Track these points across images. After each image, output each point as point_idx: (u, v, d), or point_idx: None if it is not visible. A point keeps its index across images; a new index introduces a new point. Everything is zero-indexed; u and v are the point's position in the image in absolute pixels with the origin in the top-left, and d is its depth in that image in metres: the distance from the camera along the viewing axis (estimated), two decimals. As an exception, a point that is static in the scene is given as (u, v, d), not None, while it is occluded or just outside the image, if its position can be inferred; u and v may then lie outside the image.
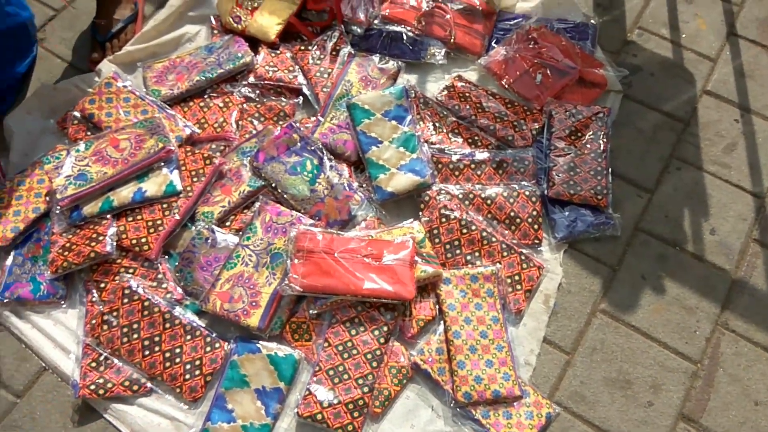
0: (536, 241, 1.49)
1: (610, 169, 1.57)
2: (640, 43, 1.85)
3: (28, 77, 1.75)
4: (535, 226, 1.49)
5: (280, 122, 1.63)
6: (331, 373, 1.33)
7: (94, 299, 1.39)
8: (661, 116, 1.72)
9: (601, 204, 1.52)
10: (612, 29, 1.86)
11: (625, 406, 1.37)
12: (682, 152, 1.67)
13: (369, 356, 1.34)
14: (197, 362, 1.33)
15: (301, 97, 1.68)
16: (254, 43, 1.73)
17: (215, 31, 1.79)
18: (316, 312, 1.38)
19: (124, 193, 1.45)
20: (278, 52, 1.72)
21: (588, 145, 1.58)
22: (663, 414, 1.36)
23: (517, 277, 1.44)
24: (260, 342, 1.36)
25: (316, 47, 1.72)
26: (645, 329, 1.45)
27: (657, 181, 1.63)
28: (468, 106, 1.65)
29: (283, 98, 1.67)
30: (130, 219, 1.44)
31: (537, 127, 1.63)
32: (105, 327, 1.35)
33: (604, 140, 1.59)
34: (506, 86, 1.70)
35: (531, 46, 1.73)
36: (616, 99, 1.73)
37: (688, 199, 1.60)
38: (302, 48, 1.73)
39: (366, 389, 1.31)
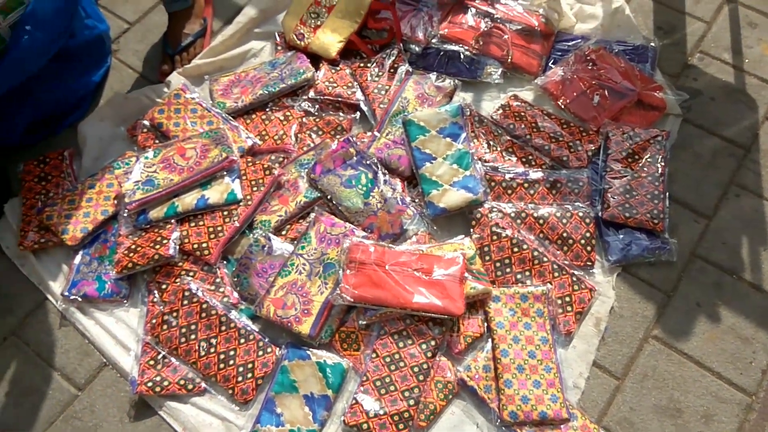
0: (588, 263, 1.48)
1: (667, 193, 1.55)
2: (701, 67, 1.82)
3: (102, 86, 1.85)
4: (588, 248, 1.48)
5: (338, 136, 1.67)
6: (378, 383, 1.35)
7: (155, 300, 1.45)
8: (721, 141, 1.69)
9: (657, 228, 1.50)
10: (672, 52, 1.85)
11: (676, 435, 1.35)
12: (741, 179, 1.64)
13: (416, 369, 1.35)
14: (250, 365, 1.38)
15: (358, 113, 1.73)
16: (316, 59, 1.79)
17: (279, 48, 1.85)
18: (365, 323, 1.41)
19: (188, 200, 1.51)
20: (338, 68, 1.77)
21: (645, 168, 1.56)
22: (715, 445, 1.33)
23: (567, 299, 1.43)
24: (310, 349, 1.39)
25: (374, 64, 1.77)
26: (698, 358, 1.42)
27: (715, 207, 1.60)
28: (523, 126, 1.66)
29: (341, 113, 1.72)
30: (192, 224, 1.50)
31: (593, 148, 1.62)
32: (164, 327, 1.41)
33: (662, 164, 1.57)
34: (562, 107, 1.70)
35: (589, 67, 1.73)
36: (675, 123, 1.71)
37: (747, 226, 1.57)
38: (361, 65, 1.77)
39: (412, 402, 1.32)
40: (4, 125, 1.63)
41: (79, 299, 1.48)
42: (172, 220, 1.51)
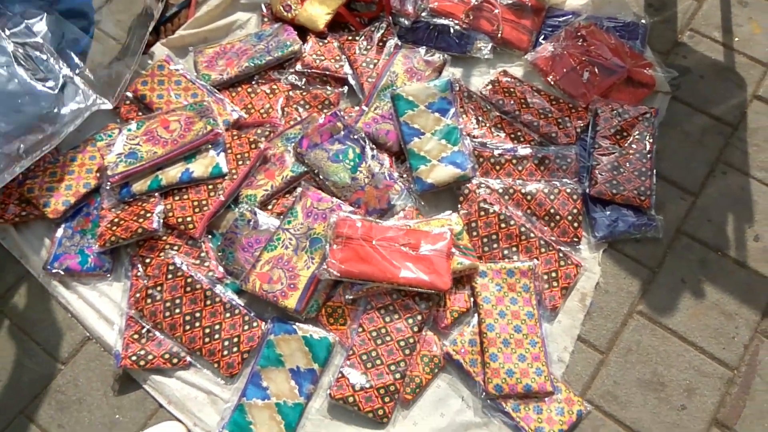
0: (575, 239, 1.49)
1: (654, 171, 1.55)
2: (691, 45, 1.82)
3: (84, 57, 1.81)
4: (575, 224, 1.48)
5: (325, 110, 1.65)
6: (364, 357, 1.35)
7: (139, 273, 1.44)
8: (709, 120, 1.69)
9: (644, 205, 1.50)
10: (662, 30, 1.84)
11: (658, 408, 1.36)
12: (728, 157, 1.64)
13: (402, 343, 1.35)
14: (235, 339, 1.37)
15: (346, 87, 1.70)
16: (303, 31, 1.76)
17: (265, 19, 1.82)
18: (351, 297, 1.40)
19: (172, 173, 1.49)
20: (326, 41, 1.74)
21: (633, 145, 1.56)
22: (696, 418, 1.35)
23: (554, 274, 1.43)
24: (296, 324, 1.39)
25: (363, 38, 1.74)
26: (682, 333, 1.43)
27: (702, 184, 1.60)
28: (512, 102, 1.65)
29: (328, 87, 1.70)
30: (176, 198, 1.48)
31: (581, 124, 1.62)
32: (149, 301, 1.39)
33: (650, 141, 1.57)
34: (552, 83, 1.69)
35: (579, 43, 1.72)
36: (664, 100, 1.70)
37: (733, 204, 1.58)
38: (350, 38, 1.75)
39: (398, 375, 1.33)
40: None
41: (62, 273, 1.47)
42: (156, 194, 1.49)
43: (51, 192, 1.51)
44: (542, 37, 1.79)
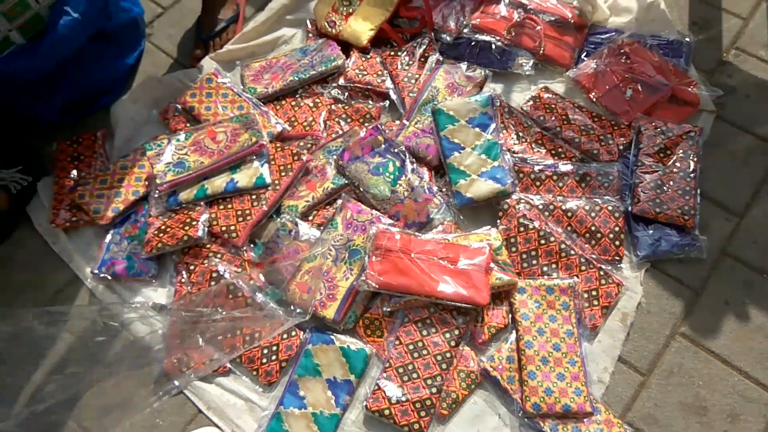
0: (617, 258, 1.47)
1: (698, 190, 1.53)
2: (737, 64, 1.79)
3: (136, 69, 1.87)
4: (617, 243, 1.47)
5: (366, 124, 1.68)
6: (400, 370, 1.35)
7: (183, 280, 1.47)
8: (755, 140, 1.66)
9: (688, 225, 1.48)
10: (707, 48, 1.82)
11: (700, 433, 1.33)
12: (775, 178, 1.61)
13: (439, 358, 1.35)
14: (274, 348, 1.39)
15: (387, 101, 1.72)
16: (346, 47, 1.79)
17: (310, 35, 1.86)
18: (389, 310, 1.41)
19: (218, 183, 1.53)
20: (369, 56, 1.77)
21: (677, 164, 1.54)
22: (740, 445, 1.32)
23: (594, 293, 1.42)
24: (334, 334, 1.40)
25: (405, 53, 1.76)
26: (726, 356, 1.40)
27: (747, 205, 1.57)
28: (553, 118, 1.64)
29: (370, 101, 1.72)
30: (221, 207, 1.52)
31: (624, 142, 1.60)
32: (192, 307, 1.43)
33: (694, 160, 1.55)
34: (594, 100, 1.69)
35: (622, 60, 1.71)
36: (709, 119, 1.68)
37: (780, 226, 1.55)
38: (392, 53, 1.77)
39: (434, 390, 1.33)
40: (40, 104, 1.66)
41: (109, 277, 1.51)
42: (202, 203, 1.52)
43: (101, 199, 1.56)
44: (584, 54, 1.78)
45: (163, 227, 1.50)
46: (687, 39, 1.78)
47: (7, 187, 1.60)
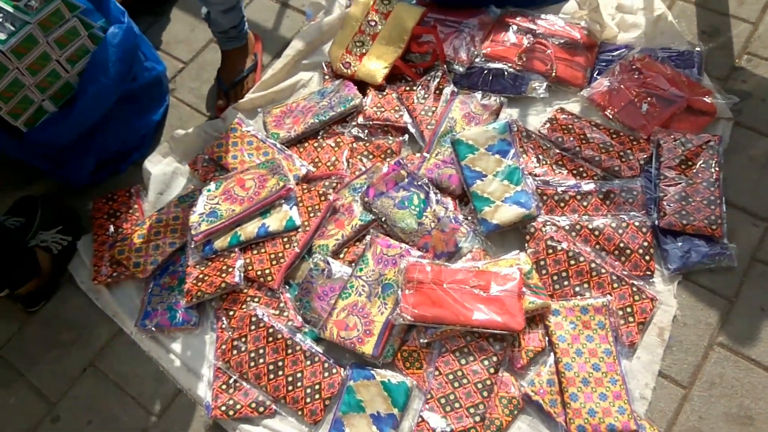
0: (648, 273, 1.48)
1: (723, 198, 1.54)
2: (750, 69, 1.80)
3: (162, 124, 1.94)
4: (647, 257, 1.48)
5: (388, 159, 1.72)
6: (442, 401, 1.37)
7: (224, 326, 1.51)
8: (776, 143, 1.67)
9: (716, 234, 1.49)
10: (719, 56, 1.83)
11: (749, 443, 1.32)
12: (800, 180, 1.61)
13: (479, 385, 1.37)
14: (317, 386, 1.42)
15: (407, 135, 1.76)
16: (362, 85, 1.84)
17: (327, 77, 1.91)
18: (426, 341, 1.43)
19: (250, 229, 1.57)
20: (385, 93, 1.82)
21: (699, 174, 1.55)
22: (790, 453, 1.31)
23: (629, 309, 1.43)
24: (374, 369, 1.42)
25: (420, 87, 1.81)
26: (766, 363, 1.39)
27: (774, 209, 1.58)
28: (571, 138, 1.67)
29: (390, 136, 1.76)
30: (255, 252, 1.56)
31: (644, 156, 1.62)
32: (234, 352, 1.46)
33: (716, 168, 1.56)
34: (611, 117, 1.71)
35: (635, 76, 1.73)
36: (727, 126, 1.69)
37: (810, 227, 1.54)
38: (407, 88, 1.82)
39: (477, 418, 1.34)
40: (74, 166, 1.73)
41: (153, 329, 1.55)
42: (236, 249, 1.57)
43: (139, 253, 1.61)
44: (597, 72, 1.81)
45: (201, 276, 1.54)
46: (698, 48, 1.80)
47: (49, 248, 1.67)
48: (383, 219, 1.59)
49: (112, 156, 1.81)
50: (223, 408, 1.42)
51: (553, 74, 1.78)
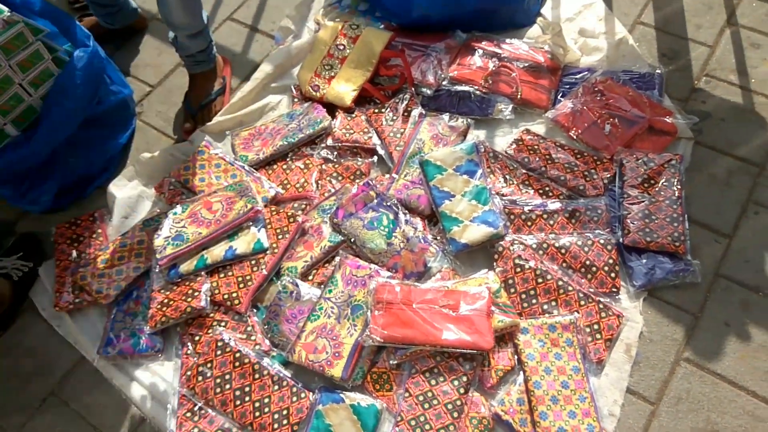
0: (614, 290, 1.49)
1: (686, 215, 1.57)
2: (709, 90, 1.86)
3: (128, 148, 1.92)
4: (612, 275, 1.50)
5: (357, 181, 1.72)
6: (413, 423, 1.35)
7: (189, 351, 1.48)
8: (735, 161, 1.71)
9: (679, 251, 1.51)
10: (679, 78, 1.89)
11: (717, 458, 1.33)
12: (758, 196, 1.65)
13: (450, 406, 1.36)
14: (284, 412, 1.39)
15: (376, 157, 1.77)
16: (331, 108, 1.85)
17: (296, 99, 1.92)
18: (396, 362, 1.42)
19: (217, 252, 1.55)
20: (354, 115, 1.83)
21: (662, 192, 1.58)
22: (758, 467, 1.32)
23: (596, 326, 1.44)
24: (343, 392, 1.40)
25: (388, 109, 1.82)
26: (732, 377, 1.41)
27: (735, 226, 1.61)
28: (537, 158, 1.69)
29: (359, 158, 1.77)
30: (222, 275, 1.54)
31: (608, 176, 1.65)
32: (200, 378, 1.43)
33: (678, 186, 1.59)
34: (575, 137, 1.74)
35: (598, 98, 1.77)
36: (688, 146, 1.73)
37: (769, 243, 1.58)
38: (376, 111, 1.83)
39: (448, 439, 1.33)
40: (36, 191, 1.70)
41: (116, 356, 1.51)
42: (202, 272, 1.55)
43: (102, 278, 1.58)
44: (560, 94, 1.85)
45: (165, 301, 1.51)
46: (658, 71, 1.85)
47: (9, 275, 1.62)
48: (352, 240, 1.59)
49: (77, 180, 1.79)
50: (188, 435, 1.38)
51: (519, 96, 1.81)
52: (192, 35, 1.80)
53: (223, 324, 1.50)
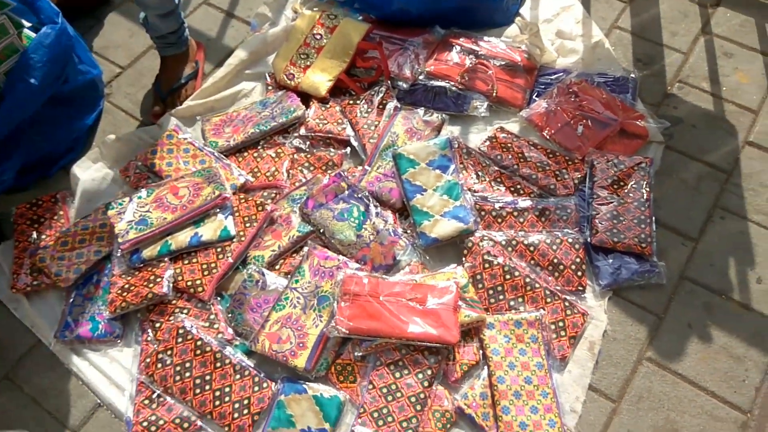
0: (580, 288, 1.50)
1: (653, 218, 1.58)
2: (681, 96, 1.88)
3: (95, 129, 1.87)
4: (579, 273, 1.50)
5: (329, 171, 1.70)
6: (375, 415, 1.34)
7: (149, 338, 1.45)
8: (704, 167, 1.73)
9: (646, 252, 1.52)
10: (652, 83, 1.91)
11: (675, 457, 1.34)
12: (725, 202, 1.67)
13: (413, 399, 1.35)
14: (245, 401, 1.37)
15: (349, 148, 1.76)
16: (306, 97, 1.83)
17: (269, 87, 1.89)
18: (361, 354, 1.41)
19: (182, 238, 1.52)
20: (328, 106, 1.81)
21: (631, 194, 1.60)
22: (714, 466, 1.33)
23: (561, 324, 1.44)
24: (306, 383, 1.39)
25: (363, 101, 1.81)
26: (692, 378, 1.43)
27: (701, 230, 1.63)
28: (510, 156, 1.69)
29: (331, 149, 1.75)
30: (186, 262, 1.51)
31: (579, 176, 1.66)
32: (159, 365, 1.40)
33: (647, 189, 1.61)
34: (548, 137, 1.75)
35: (572, 99, 1.78)
36: (658, 150, 1.75)
37: (734, 248, 1.60)
38: (351, 102, 1.82)
39: (410, 432, 1.32)
40: (-1, 168, 1.65)
41: (73, 340, 1.47)
42: (166, 258, 1.51)
43: (62, 261, 1.53)
44: (536, 94, 1.85)
45: (126, 286, 1.48)
46: (632, 75, 1.87)
47: (-35, 254, 1.57)
48: (322, 230, 1.57)
49: (39, 160, 1.73)
50: (145, 423, 1.35)
51: (494, 94, 1.82)
52: (163, 15, 1.76)
53: (185, 311, 1.47)
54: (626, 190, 1.61)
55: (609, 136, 1.73)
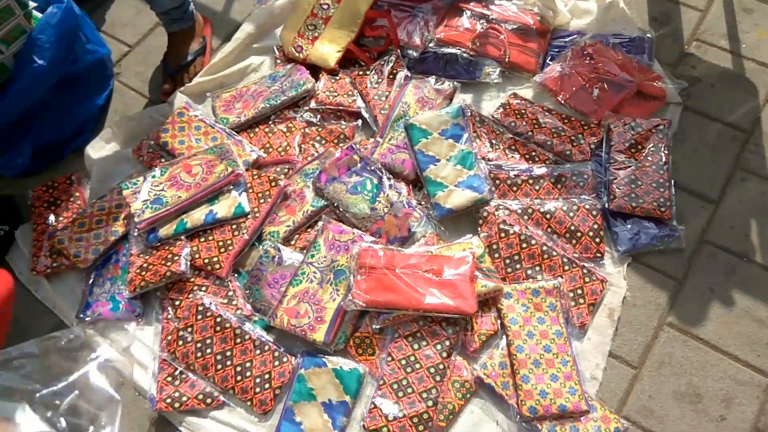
0: (598, 255, 1.48)
1: (672, 181, 1.55)
2: (699, 55, 1.83)
3: (106, 109, 1.87)
4: (597, 240, 1.49)
5: (341, 144, 1.68)
6: (395, 386, 1.35)
7: (169, 316, 1.46)
8: (723, 127, 1.69)
9: (665, 216, 1.50)
10: (669, 42, 1.85)
11: (696, 420, 1.34)
12: (746, 163, 1.64)
13: (432, 370, 1.35)
14: (266, 376, 1.38)
15: (360, 120, 1.74)
16: (315, 70, 1.81)
17: (278, 61, 1.87)
18: (378, 327, 1.41)
19: (197, 216, 1.53)
20: (338, 77, 1.79)
21: (649, 158, 1.57)
22: (736, 428, 1.32)
23: (579, 291, 1.43)
24: (326, 356, 1.40)
25: (373, 72, 1.78)
26: (714, 342, 1.41)
27: (721, 192, 1.60)
28: (524, 123, 1.67)
29: (342, 121, 1.73)
30: (202, 240, 1.52)
31: (595, 141, 1.63)
32: (180, 343, 1.42)
33: (665, 152, 1.57)
34: (563, 102, 1.71)
35: (587, 61, 1.74)
36: (676, 111, 1.71)
37: (755, 210, 1.57)
38: (360, 73, 1.79)
39: (430, 403, 1.32)
40: (11, 153, 1.66)
41: (94, 320, 1.49)
42: (182, 237, 1.52)
43: (80, 242, 1.55)
44: (549, 58, 1.81)
45: (145, 265, 1.49)
46: (648, 35, 1.82)
47: (-16, 239, 1.59)
48: (335, 204, 1.56)
49: (52, 142, 1.74)
50: (169, 400, 1.37)
51: (507, 59, 1.78)
52: None
53: (203, 289, 1.48)
54: (644, 154, 1.58)
55: (625, 99, 1.69)
